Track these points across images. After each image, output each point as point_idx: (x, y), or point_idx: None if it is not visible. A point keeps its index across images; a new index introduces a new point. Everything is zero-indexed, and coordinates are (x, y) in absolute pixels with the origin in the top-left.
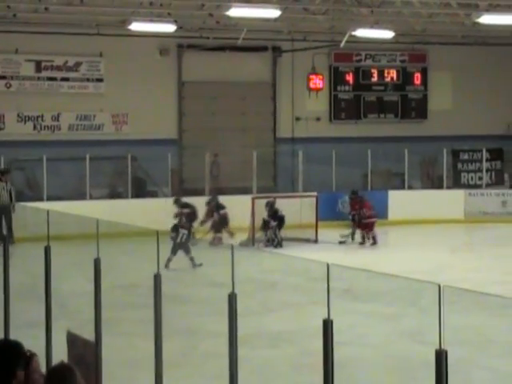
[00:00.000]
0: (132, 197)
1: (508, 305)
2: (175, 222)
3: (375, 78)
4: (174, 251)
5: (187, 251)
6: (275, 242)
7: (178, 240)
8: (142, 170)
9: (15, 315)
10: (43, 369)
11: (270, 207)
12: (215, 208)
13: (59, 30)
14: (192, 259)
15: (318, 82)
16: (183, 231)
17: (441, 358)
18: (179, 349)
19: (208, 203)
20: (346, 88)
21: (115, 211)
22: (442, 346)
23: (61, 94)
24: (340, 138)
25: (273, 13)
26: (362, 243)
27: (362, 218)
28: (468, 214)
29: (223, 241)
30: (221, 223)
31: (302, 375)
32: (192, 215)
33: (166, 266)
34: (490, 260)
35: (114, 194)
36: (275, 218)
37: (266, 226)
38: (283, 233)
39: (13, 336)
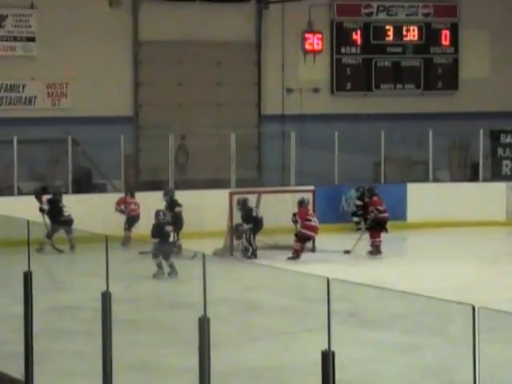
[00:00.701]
0: (73, 192)
1: None
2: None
3: (390, 38)
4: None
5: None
6: (249, 252)
7: (171, 239)
8: (85, 157)
9: None
10: None
11: (242, 206)
12: (168, 205)
13: None
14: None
15: (315, 42)
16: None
17: None
18: None
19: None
20: (353, 50)
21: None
22: None
23: None
24: (344, 116)
25: None
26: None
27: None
28: (511, 214)
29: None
30: (175, 224)
31: None
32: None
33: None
34: None
35: (49, 188)
36: (248, 220)
37: (237, 230)
38: (271, 239)
39: None
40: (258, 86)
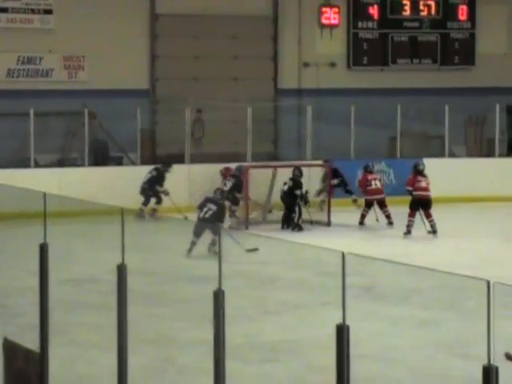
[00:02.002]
0: (89, 164)
1: None
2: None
3: (407, 12)
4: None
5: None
6: (294, 223)
7: (200, 216)
8: (102, 129)
9: None
10: None
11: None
12: (234, 185)
13: None
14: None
15: (332, 16)
16: (210, 206)
17: (490, 376)
18: (149, 363)
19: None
20: (369, 24)
21: (68, 183)
22: (492, 362)
23: None
24: (361, 90)
25: None
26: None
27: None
28: None
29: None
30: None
31: None
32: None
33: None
34: None
35: (66, 161)
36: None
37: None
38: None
39: None
40: (274, 60)
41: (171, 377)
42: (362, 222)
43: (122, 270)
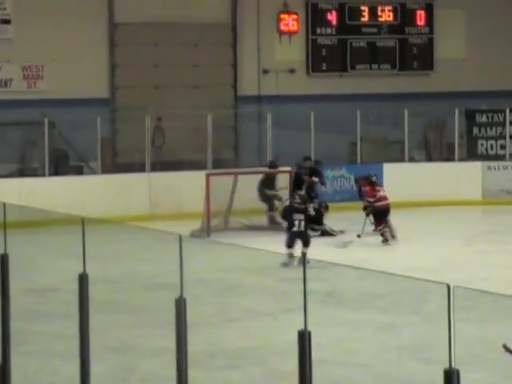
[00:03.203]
0: (50, 174)
1: None
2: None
3: (365, 18)
4: (290, 243)
5: (306, 243)
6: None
7: (296, 228)
8: (62, 139)
9: None
10: None
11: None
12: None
13: None
14: (305, 255)
15: (291, 22)
16: (299, 216)
17: (451, 379)
18: (112, 371)
19: None
20: (328, 31)
21: (28, 193)
22: (453, 365)
23: None
24: (320, 96)
25: None
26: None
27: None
28: (487, 193)
29: None
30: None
31: None
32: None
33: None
34: None
35: (26, 171)
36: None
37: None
38: (247, 219)
39: None
40: (234, 68)
41: None
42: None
43: (83, 279)
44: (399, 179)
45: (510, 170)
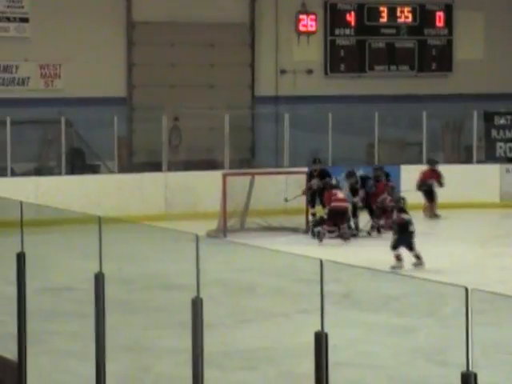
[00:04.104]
0: (66, 173)
1: None
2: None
3: (384, 19)
4: (395, 245)
5: (411, 246)
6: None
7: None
8: (79, 138)
9: None
10: None
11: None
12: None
13: None
14: (418, 257)
15: (309, 23)
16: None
17: (468, 382)
18: (127, 371)
19: None
20: (347, 31)
21: (44, 191)
22: (470, 368)
23: None
24: (338, 97)
25: None
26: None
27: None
28: (505, 195)
29: None
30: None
31: None
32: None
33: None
34: None
35: (42, 170)
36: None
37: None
38: (264, 220)
39: None
40: (251, 68)
41: None
42: None
43: (99, 279)
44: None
45: None
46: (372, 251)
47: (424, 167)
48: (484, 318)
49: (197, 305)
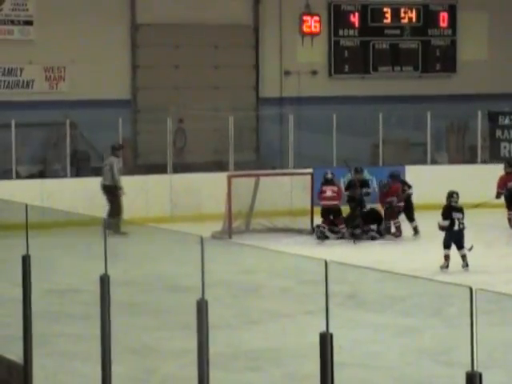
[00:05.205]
0: (71, 175)
1: None
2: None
3: (388, 20)
4: (447, 244)
5: (460, 245)
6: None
7: (456, 227)
8: (84, 140)
9: None
10: None
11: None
12: None
13: None
14: (465, 257)
15: (313, 24)
16: (458, 215)
17: (473, 382)
18: (133, 373)
19: None
20: (351, 32)
21: (49, 194)
22: (475, 368)
23: None
24: (342, 98)
25: None
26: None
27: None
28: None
29: None
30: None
31: None
32: None
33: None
34: None
35: (47, 172)
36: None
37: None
38: (269, 222)
39: None
40: (255, 69)
41: None
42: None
43: (104, 281)
44: (421, 181)
45: None
46: (378, 252)
47: (429, 167)
48: (490, 319)
49: (202, 306)
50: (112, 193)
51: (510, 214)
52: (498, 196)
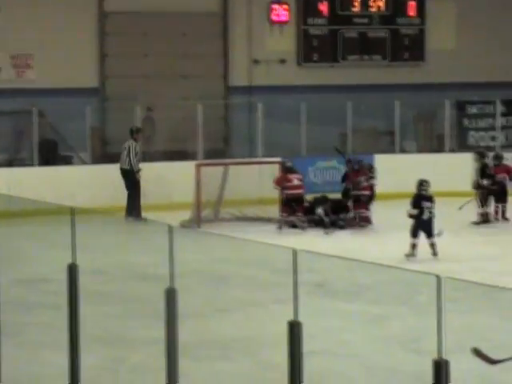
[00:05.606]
0: (39, 164)
1: None
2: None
3: (357, 8)
4: (414, 233)
5: (430, 233)
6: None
7: (425, 216)
8: (51, 128)
9: None
10: None
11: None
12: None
13: None
14: (434, 246)
15: (282, 12)
16: (427, 204)
17: (440, 369)
18: (101, 362)
19: None
20: (320, 21)
21: (17, 183)
22: (443, 356)
23: None
24: (311, 87)
25: None
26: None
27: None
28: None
29: None
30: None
31: None
32: None
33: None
34: (507, 245)
35: (14, 161)
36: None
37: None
38: (238, 211)
39: None
40: (224, 58)
41: (124, 376)
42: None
43: (72, 270)
44: (390, 170)
45: None
46: (347, 241)
47: (398, 156)
48: (457, 306)
49: (171, 295)
50: (129, 177)
51: (497, 206)
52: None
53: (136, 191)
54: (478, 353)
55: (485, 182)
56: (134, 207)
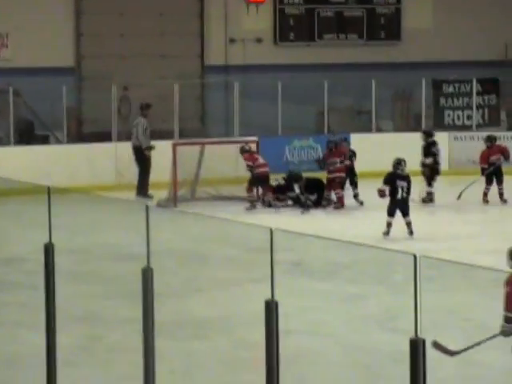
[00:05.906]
0: (15, 143)
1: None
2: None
3: None
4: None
5: (405, 212)
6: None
7: (399, 196)
8: (27, 108)
9: None
10: None
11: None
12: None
13: None
14: (409, 225)
15: None
16: (402, 183)
17: (417, 348)
18: (78, 341)
19: None
20: (296, 0)
21: None
22: (419, 334)
23: None
24: (288, 66)
25: None
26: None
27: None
28: (453, 163)
29: None
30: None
31: (237, 373)
32: None
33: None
34: (481, 223)
35: None
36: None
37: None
38: (215, 190)
39: None
40: (200, 37)
41: (100, 355)
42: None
43: (49, 249)
44: (366, 149)
45: (476, 140)
46: (323, 220)
47: (374, 135)
48: (433, 285)
49: (147, 274)
50: (138, 154)
51: (488, 188)
52: (483, 173)
53: (145, 168)
54: (437, 345)
55: (427, 160)
56: (142, 185)
